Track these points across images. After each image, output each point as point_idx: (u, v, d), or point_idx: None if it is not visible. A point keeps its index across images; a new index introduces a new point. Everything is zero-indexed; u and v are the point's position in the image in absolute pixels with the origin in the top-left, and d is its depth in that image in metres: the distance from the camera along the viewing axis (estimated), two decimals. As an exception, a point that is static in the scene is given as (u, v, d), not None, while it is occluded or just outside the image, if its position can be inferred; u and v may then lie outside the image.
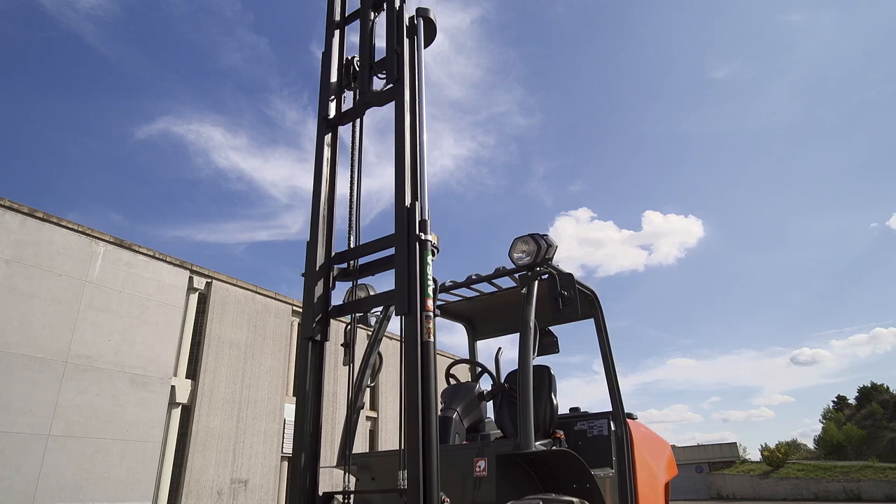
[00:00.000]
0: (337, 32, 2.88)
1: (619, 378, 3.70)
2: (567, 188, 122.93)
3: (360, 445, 16.93)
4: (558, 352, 3.39)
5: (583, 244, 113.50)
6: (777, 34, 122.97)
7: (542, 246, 2.80)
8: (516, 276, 3.11)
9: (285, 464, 15.58)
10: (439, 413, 2.73)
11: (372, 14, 2.86)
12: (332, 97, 2.74)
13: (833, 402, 46.23)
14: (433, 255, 2.18)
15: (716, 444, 35.92)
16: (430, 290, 2.10)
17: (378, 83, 2.73)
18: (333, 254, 2.51)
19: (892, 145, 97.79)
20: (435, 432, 1.96)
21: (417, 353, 2.00)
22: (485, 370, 3.60)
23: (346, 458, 2.63)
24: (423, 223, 2.20)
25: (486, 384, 3.69)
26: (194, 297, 14.38)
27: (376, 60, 2.79)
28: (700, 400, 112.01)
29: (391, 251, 2.36)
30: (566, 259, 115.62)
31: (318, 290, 2.37)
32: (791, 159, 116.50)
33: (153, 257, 13.45)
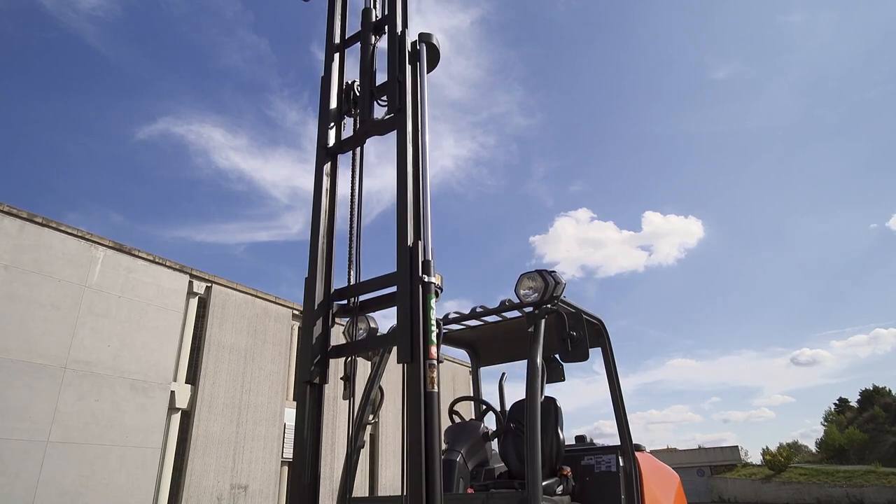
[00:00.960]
0: (337, 56, 2.77)
1: (621, 379, 3.62)
2: (567, 188, 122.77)
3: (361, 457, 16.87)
4: (564, 380, 3.25)
5: (582, 245, 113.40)
6: (777, 34, 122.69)
7: (549, 283, 2.70)
8: (523, 310, 3.00)
9: (285, 469, 15.52)
10: (442, 456, 2.63)
11: (373, 38, 2.76)
12: (332, 124, 2.63)
13: (835, 404, 46.10)
14: (437, 296, 2.08)
15: (717, 448, 35.90)
16: (433, 337, 2.01)
17: (379, 110, 2.63)
18: (333, 290, 2.42)
19: (892, 146, 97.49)
20: (439, 486, 1.87)
21: (421, 405, 1.90)
22: (490, 408, 3.49)
23: (346, 503, 2.53)
24: (426, 264, 2.09)
25: (490, 421, 3.59)
26: (194, 302, 14.31)
27: (378, 84, 2.69)
28: (700, 400, 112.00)
29: (393, 288, 2.27)
30: (566, 260, 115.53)
31: (317, 329, 2.27)
32: (791, 159, 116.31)
33: (153, 262, 13.38)
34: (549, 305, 2.70)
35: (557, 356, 3.43)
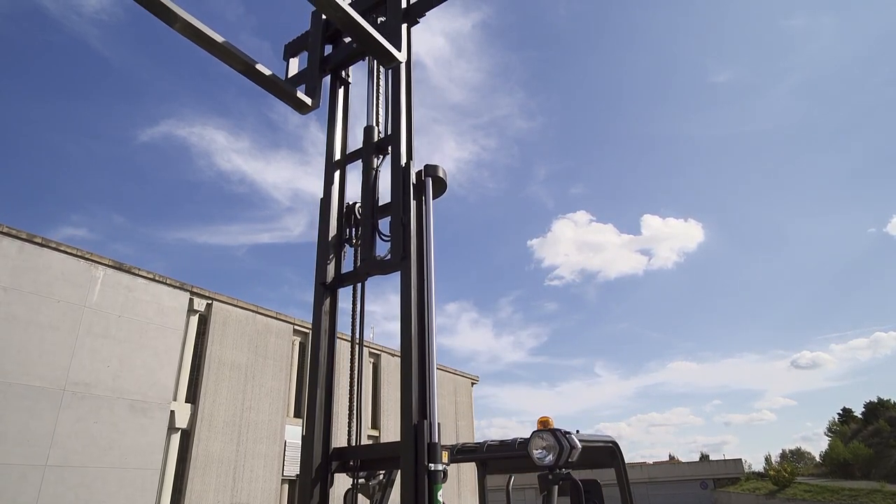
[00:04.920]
0: (337, 175, 2.55)
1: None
2: (568, 191, 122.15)
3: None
4: None
5: (581, 248, 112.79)
6: (778, 38, 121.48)
7: (564, 446, 2.50)
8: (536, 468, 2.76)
9: (286, 487, 15.42)
10: None
11: (375, 160, 2.54)
12: (331, 256, 2.41)
13: (839, 414, 46.01)
14: (443, 479, 1.88)
15: (720, 460, 35.77)
16: (440, 535, 1.81)
17: (382, 244, 2.41)
18: (332, 449, 2.21)
19: (891, 149, 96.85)
20: None
21: None
22: None
23: None
24: (432, 448, 1.88)
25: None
26: (194, 319, 14.16)
27: (380, 205, 2.47)
28: (702, 403, 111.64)
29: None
30: (565, 264, 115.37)
31: (315, 496, 2.07)
32: (790, 163, 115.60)
33: (153, 280, 13.23)
34: (563, 470, 2.49)
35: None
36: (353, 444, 2.24)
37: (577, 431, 2.61)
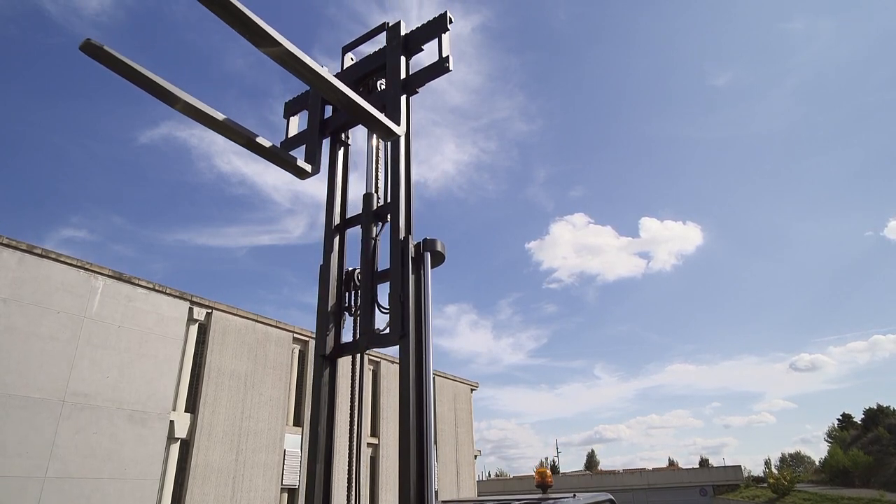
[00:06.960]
0: (336, 240, 2.55)
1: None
2: (568, 193, 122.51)
3: (363, 474, 16.77)
4: None
5: (580, 251, 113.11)
6: (777, 41, 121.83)
7: None
8: None
9: (285, 496, 15.44)
10: None
11: (374, 228, 2.53)
12: (331, 326, 2.41)
13: (838, 419, 46.01)
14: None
15: (720, 467, 35.72)
16: None
17: (381, 313, 2.41)
18: None
19: (889, 152, 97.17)
20: None
21: None
22: None
23: None
24: None
25: None
26: (194, 329, 14.18)
27: (379, 271, 2.47)
28: (701, 405, 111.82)
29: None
30: (564, 267, 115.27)
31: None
32: (789, 165, 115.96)
33: (153, 289, 13.25)
34: None
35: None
36: None
37: (574, 495, 2.62)
